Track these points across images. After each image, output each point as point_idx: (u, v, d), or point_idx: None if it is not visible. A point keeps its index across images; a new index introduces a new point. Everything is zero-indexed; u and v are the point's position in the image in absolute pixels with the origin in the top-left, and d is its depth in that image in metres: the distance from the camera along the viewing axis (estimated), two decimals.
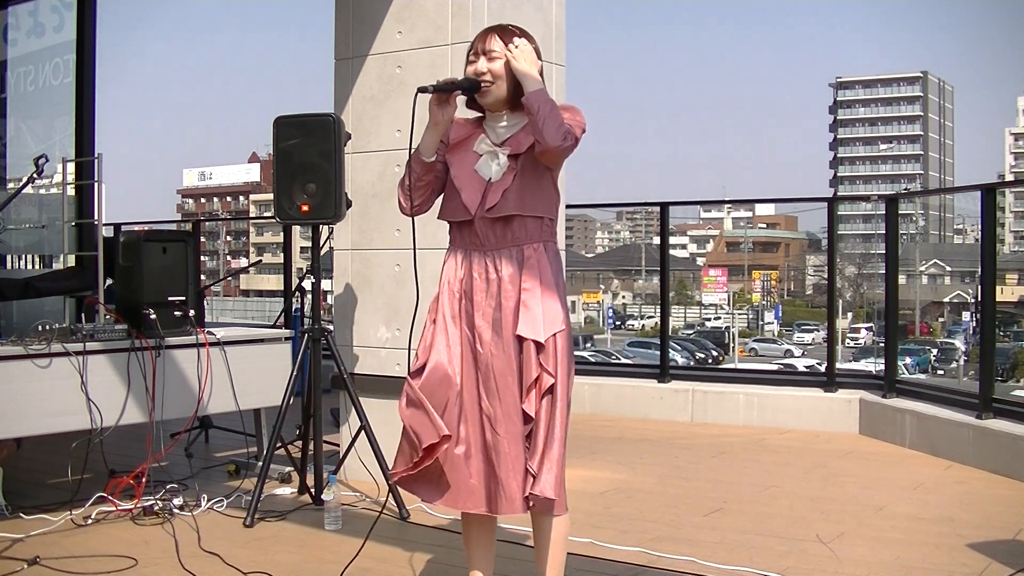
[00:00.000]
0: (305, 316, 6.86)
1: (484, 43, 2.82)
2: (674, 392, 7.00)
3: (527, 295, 2.75)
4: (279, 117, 4.44)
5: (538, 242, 2.80)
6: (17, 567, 3.52)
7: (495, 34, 2.82)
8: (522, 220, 2.78)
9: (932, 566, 3.67)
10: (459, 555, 3.73)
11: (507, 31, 2.85)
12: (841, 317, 40.45)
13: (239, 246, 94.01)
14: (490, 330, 2.78)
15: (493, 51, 2.80)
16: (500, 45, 2.80)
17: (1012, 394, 13.83)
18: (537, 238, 2.80)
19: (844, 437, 6.33)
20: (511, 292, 2.77)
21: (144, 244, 4.59)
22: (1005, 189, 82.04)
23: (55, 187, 7.68)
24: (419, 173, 2.85)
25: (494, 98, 2.82)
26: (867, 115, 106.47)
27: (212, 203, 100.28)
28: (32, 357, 4.13)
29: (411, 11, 4.87)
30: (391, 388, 4.87)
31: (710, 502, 4.61)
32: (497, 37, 2.82)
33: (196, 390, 4.66)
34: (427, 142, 2.85)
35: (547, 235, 2.84)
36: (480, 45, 2.83)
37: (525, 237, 2.79)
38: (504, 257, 2.79)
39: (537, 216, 2.80)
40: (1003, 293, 43.39)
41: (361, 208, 5.00)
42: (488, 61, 2.80)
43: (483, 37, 2.83)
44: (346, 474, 4.81)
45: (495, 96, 2.82)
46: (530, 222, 2.79)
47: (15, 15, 8.04)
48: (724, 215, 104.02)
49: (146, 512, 4.21)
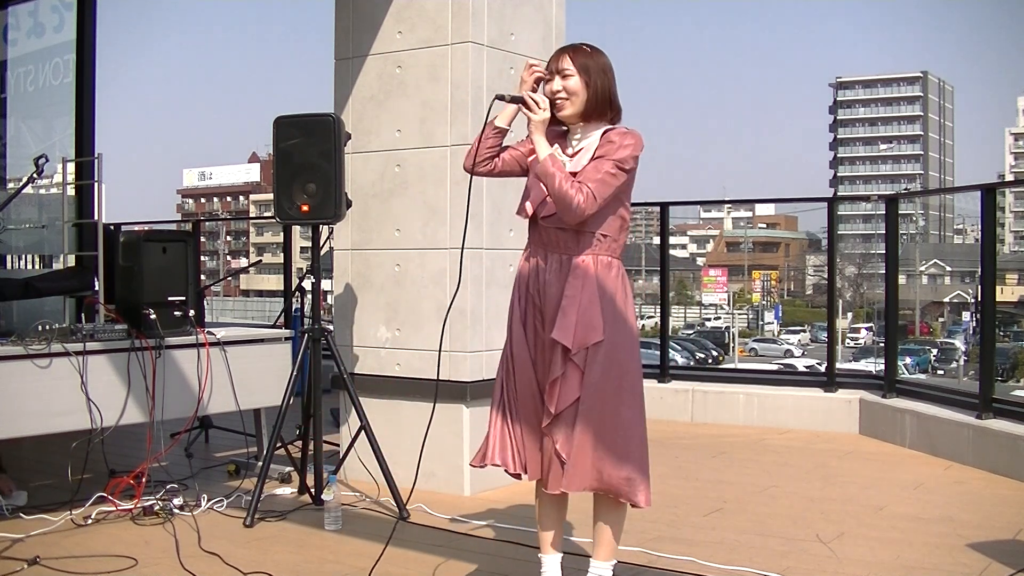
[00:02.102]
0: (305, 316, 6.87)
1: (557, 63, 3.00)
2: (674, 392, 7.00)
3: (567, 301, 2.92)
4: (279, 117, 4.44)
5: (590, 254, 2.95)
6: (17, 567, 3.52)
7: (566, 54, 3.00)
8: (574, 234, 2.94)
9: (932, 566, 3.67)
10: (459, 555, 3.73)
11: (580, 50, 3.02)
12: (841, 317, 40.47)
13: (239, 246, 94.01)
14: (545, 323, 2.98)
15: (566, 70, 2.98)
16: (570, 64, 2.98)
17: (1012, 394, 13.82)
18: (589, 251, 2.95)
19: (844, 437, 6.33)
20: (554, 296, 2.95)
21: (144, 244, 4.58)
22: (1005, 189, 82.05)
23: (55, 187, 7.68)
24: (488, 135, 3.08)
25: (569, 113, 2.99)
26: (867, 115, 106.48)
27: (212, 203, 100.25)
28: (32, 357, 4.13)
29: (411, 11, 4.87)
30: (391, 388, 4.88)
31: (710, 502, 4.61)
32: (569, 56, 2.99)
33: (196, 390, 4.66)
34: (508, 112, 3.07)
35: (602, 249, 2.96)
36: (554, 65, 3.01)
37: (576, 248, 2.95)
38: (556, 263, 2.97)
39: (589, 231, 2.93)
40: (1003, 293, 43.41)
41: (361, 208, 5.00)
42: (562, 79, 2.98)
43: (557, 57, 3.02)
44: (346, 474, 4.81)
45: (570, 111, 2.99)
46: (583, 235, 2.94)
47: (15, 15, 8.05)
48: (724, 215, 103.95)
49: (146, 512, 4.21)
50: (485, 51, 4.72)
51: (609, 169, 2.88)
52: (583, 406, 2.89)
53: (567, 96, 2.96)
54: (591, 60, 2.98)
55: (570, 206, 2.84)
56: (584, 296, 2.91)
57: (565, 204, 2.85)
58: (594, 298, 2.91)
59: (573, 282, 2.92)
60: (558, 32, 5.13)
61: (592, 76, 2.96)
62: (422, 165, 4.83)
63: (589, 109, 2.97)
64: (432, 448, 4.26)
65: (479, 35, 4.71)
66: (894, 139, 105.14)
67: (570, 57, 2.98)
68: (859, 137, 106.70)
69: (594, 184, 2.86)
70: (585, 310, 2.90)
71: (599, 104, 2.97)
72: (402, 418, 4.81)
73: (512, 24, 4.87)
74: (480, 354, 4.72)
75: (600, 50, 3.04)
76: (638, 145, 2.93)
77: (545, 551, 3.12)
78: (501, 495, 4.64)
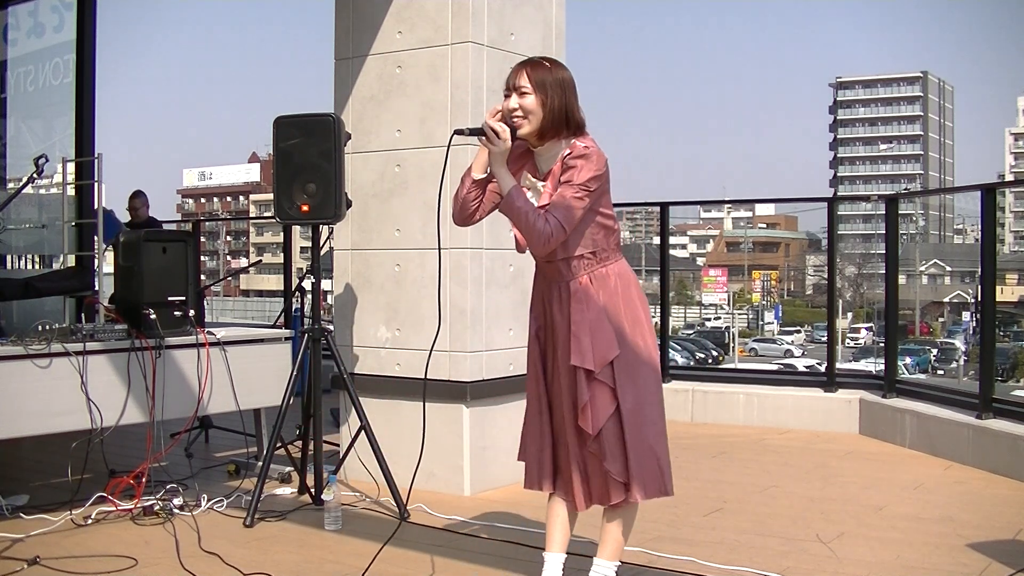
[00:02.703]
0: (305, 316, 6.87)
1: (515, 79, 2.91)
2: (674, 392, 7.00)
3: (576, 327, 2.92)
4: (279, 117, 4.44)
5: (585, 274, 2.95)
6: (17, 567, 3.52)
7: (524, 70, 2.91)
8: (562, 260, 2.94)
9: (932, 566, 3.67)
10: (459, 555, 3.73)
11: (538, 65, 2.92)
12: (841, 317, 40.46)
13: (239, 246, 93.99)
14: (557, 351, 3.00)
15: (523, 87, 2.89)
16: (527, 81, 2.88)
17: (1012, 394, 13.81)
18: (582, 272, 2.95)
19: (844, 437, 6.33)
20: (561, 324, 2.97)
21: (144, 244, 4.58)
22: (1005, 189, 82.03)
23: (55, 187, 7.69)
24: (467, 188, 2.98)
25: (528, 132, 2.91)
26: (867, 115, 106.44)
27: (212, 203, 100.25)
28: (32, 357, 4.13)
29: (411, 11, 4.87)
30: (391, 388, 4.88)
31: (710, 502, 4.61)
32: (526, 73, 2.90)
33: (196, 390, 4.65)
34: (479, 160, 2.96)
35: (593, 265, 2.95)
36: (512, 81, 2.92)
37: (570, 273, 2.96)
38: (556, 291, 2.99)
39: (575, 256, 2.93)
40: (1003, 293, 43.40)
41: (361, 208, 5.00)
42: (519, 97, 2.89)
43: (515, 73, 2.92)
44: (346, 474, 4.81)
45: (527, 130, 2.91)
46: (569, 261, 2.94)
47: (15, 15, 8.05)
48: (724, 215, 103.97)
49: (146, 512, 4.21)
50: (485, 51, 4.72)
51: (574, 194, 2.82)
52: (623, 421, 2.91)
53: (523, 115, 2.88)
54: (549, 75, 2.89)
55: (539, 240, 2.83)
56: (591, 316, 2.92)
57: (534, 238, 2.84)
58: (600, 315, 2.92)
59: (576, 306, 2.93)
60: (558, 32, 5.13)
61: (549, 93, 2.87)
62: (422, 165, 4.83)
63: (545, 126, 2.89)
64: (432, 448, 4.27)
65: (479, 35, 4.71)
66: (894, 139, 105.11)
67: (527, 74, 2.89)
68: (859, 137, 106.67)
69: (560, 213, 2.82)
70: (595, 329, 2.91)
71: (555, 122, 2.88)
72: (402, 418, 4.81)
73: (512, 24, 4.87)
74: (480, 354, 4.72)
75: (560, 64, 2.97)
76: (599, 163, 2.86)
77: (551, 549, 3.11)
78: (501, 495, 4.64)
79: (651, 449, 2.96)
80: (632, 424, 2.92)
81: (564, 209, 2.83)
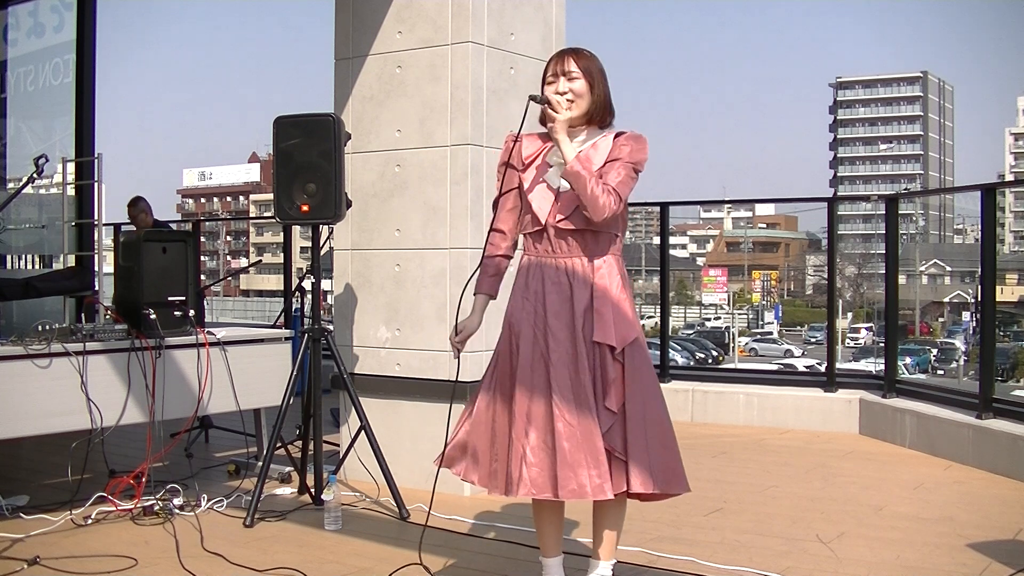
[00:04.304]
0: (305, 316, 6.86)
1: (562, 65, 3.00)
2: (674, 392, 7.00)
3: (599, 302, 2.93)
4: (279, 117, 4.44)
5: (608, 255, 2.98)
6: (17, 567, 3.52)
7: (570, 56, 3.01)
8: (593, 234, 2.96)
9: (932, 566, 3.67)
10: (458, 555, 3.73)
11: (581, 53, 3.03)
12: (841, 317, 40.46)
13: (239, 246, 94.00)
14: (565, 329, 2.93)
15: (572, 72, 2.98)
16: (576, 66, 2.98)
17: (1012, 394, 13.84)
18: (607, 251, 2.98)
19: (844, 437, 6.33)
20: (583, 296, 2.93)
21: (144, 244, 4.59)
22: (1005, 189, 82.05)
23: (55, 187, 7.68)
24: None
25: (575, 115, 2.98)
26: (867, 115, 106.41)
27: (212, 203, 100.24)
28: (32, 357, 4.13)
29: (411, 11, 4.87)
30: (391, 388, 4.88)
31: (710, 502, 4.61)
32: (573, 59, 3.00)
33: (196, 390, 4.66)
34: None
35: (616, 249, 3.02)
36: (559, 67, 3.00)
37: (597, 250, 2.97)
38: (575, 267, 2.96)
39: (612, 232, 2.98)
40: (1003, 293, 43.39)
41: (361, 208, 5.00)
42: (568, 81, 2.98)
43: (560, 59, 3.01)
44: (346, 474, 4.81)
45: (576, 113, 2.98)
46: (601, 236, 2.97)
47: (15, 15, 8.05)
48: (724, 215, 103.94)
49: (146, 512, 4.21)
50: (485, 51, 4.72)
51: (628, 172, 2.94)
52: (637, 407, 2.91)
53: (573, 98, 2.97)
54: (592, 64, 3.01)
55: (601, 208, 2.87)
56: (612, 295, 2.94)
57: (596, 205, 2.86)
58: (621, 295, 2.96)
59: (600, 282, 2.94)
60: (558, 32, 5.13)
61: (595, 79, 2.99)
62: (422, 165, 4.83)
63: (592, 111, 2.99)
64: (432, 448, 4.26)
65: (479, 35, 4.71)
66: (894, 139, 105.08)
67: (574, 60, 3.00)
68: (859, 137, 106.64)
69: (617, 186, 2.90)
70: (618, 308, 2.94)
71: (600, 107, 3.00)
72: (402, 418, 4.81)
73: (512, 24, 4.87)
74: (479, 354, 4.71)
75: (595, 55, 3.08)
76: (647, 151, 2.99)
77: (547, 554, 3.12)
78: (501, 495, 4.63)
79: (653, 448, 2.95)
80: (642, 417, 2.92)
81: (620, 183, 2.91)
